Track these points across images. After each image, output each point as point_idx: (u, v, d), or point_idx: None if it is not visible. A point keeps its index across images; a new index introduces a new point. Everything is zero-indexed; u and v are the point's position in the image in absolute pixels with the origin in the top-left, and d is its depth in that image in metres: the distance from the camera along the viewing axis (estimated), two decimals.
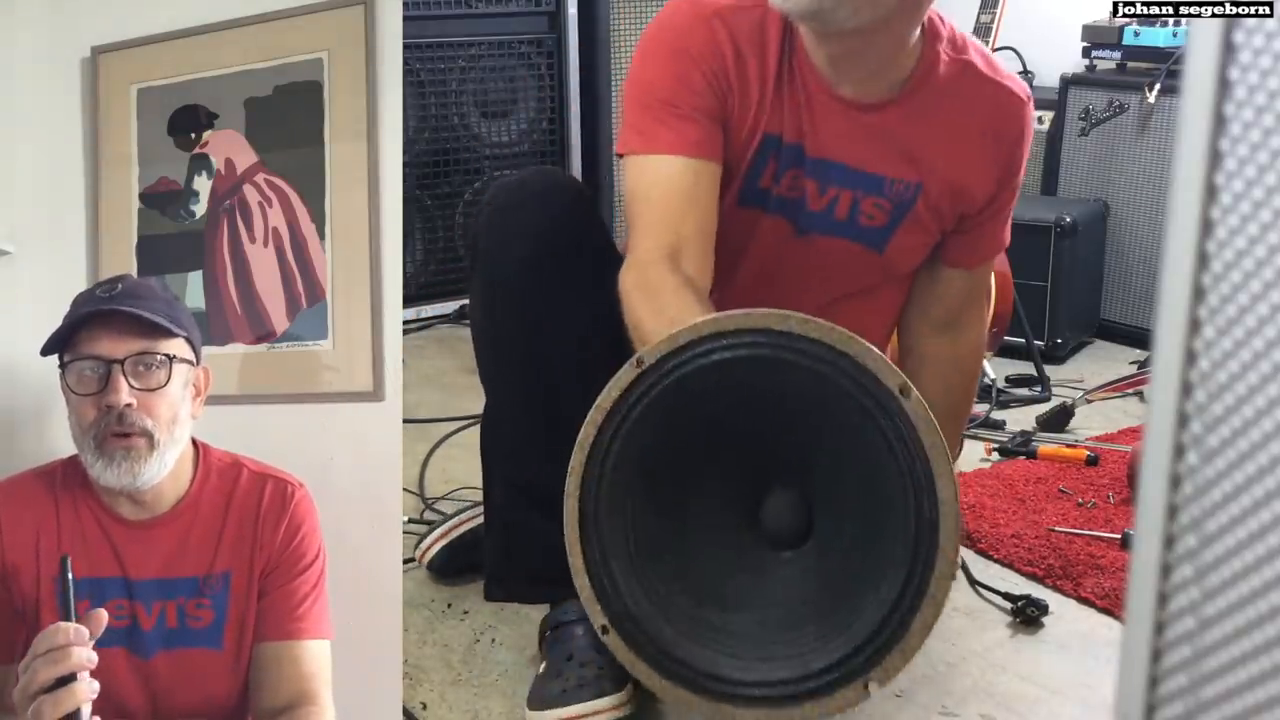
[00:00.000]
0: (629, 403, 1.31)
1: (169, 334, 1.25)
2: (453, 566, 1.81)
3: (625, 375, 1.31)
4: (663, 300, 1.41)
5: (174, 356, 1.25)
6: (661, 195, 1.51)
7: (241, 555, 1.27)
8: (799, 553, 1.40)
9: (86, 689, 1.02)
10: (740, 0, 1.53)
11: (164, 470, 1.24)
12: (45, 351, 1.25)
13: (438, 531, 1.84)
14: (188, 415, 1.27)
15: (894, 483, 1.27)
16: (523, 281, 1.54)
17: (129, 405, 1.21)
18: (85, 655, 1.03)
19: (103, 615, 1.06)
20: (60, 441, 1.28)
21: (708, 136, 1.52)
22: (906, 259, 1.69)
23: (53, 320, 1.25)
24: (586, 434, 1.32)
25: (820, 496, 1.39)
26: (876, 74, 1.53)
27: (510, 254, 1.55)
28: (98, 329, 1.22)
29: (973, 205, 1.64)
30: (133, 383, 1.22)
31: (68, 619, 1.04)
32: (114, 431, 1.21)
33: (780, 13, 1.46)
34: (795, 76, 1.53)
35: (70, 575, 1.06)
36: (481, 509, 1.78)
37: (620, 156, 1.59)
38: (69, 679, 1.01)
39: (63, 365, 1.24)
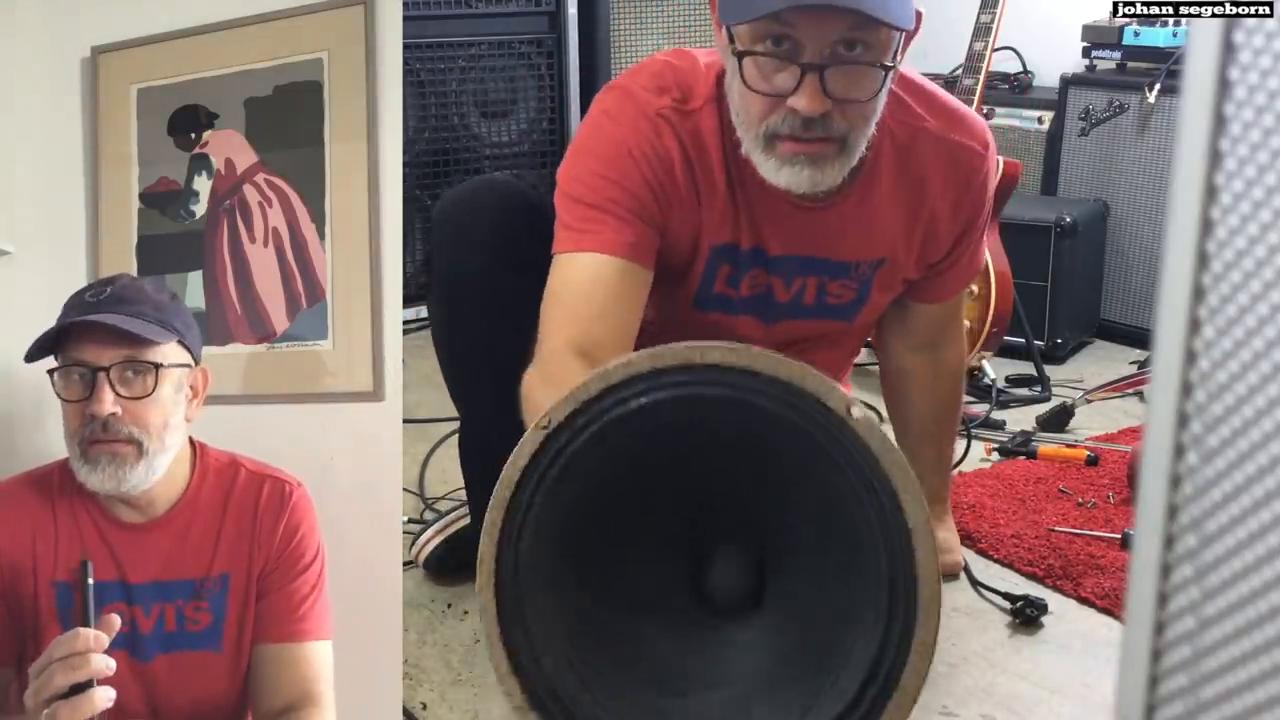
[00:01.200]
0: (542, 466, 1.12)
1: (156, 340, 1.22)
2: (449, 563, 1.81)
3: (530, 440, 1.12)
4: (571, 385, 1.17)
5: (160, 364, 1.22)
6: (579, 293, 1.41)
7: (239, 556, 1.27)
8: (752, 624, 1.22)
9: (103, 697, 1.01)
10: (677, 103, 1.46)
11: (153, 476, 1.22)
12: (29, 359, 1.22)
13: (433, 529, 1.84)
14: (181, 419, 1.25)
15: (855, 518, 1.09)
16: (480, 294, 1.52)
17: (113, 414, 1.19)
18: (104, 663, 1.01)
19: (115, 621, 1.05)
20: (59, 442, 1.26)
21: (640, 239, 1.43)
22: (873, 317, 1.69)
23: (52, 320, 1.23)
24: (500, 495, 1.12)
25: (771, 554, 1.21)
26: None
27: (465, 268, 1.54)
28: (84, 334, 1.20)
29: (939, 255, 1.63)
30: (119, 390, 1.20)
31: (87, 624, 1.02)
32: (98, 439, 1.19)
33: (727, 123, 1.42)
34: (747, 183, 1.47)
35: (90, 580, 1.04)
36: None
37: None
38: (85, 686, 1.00)
39: (53, 369, 1.22)
